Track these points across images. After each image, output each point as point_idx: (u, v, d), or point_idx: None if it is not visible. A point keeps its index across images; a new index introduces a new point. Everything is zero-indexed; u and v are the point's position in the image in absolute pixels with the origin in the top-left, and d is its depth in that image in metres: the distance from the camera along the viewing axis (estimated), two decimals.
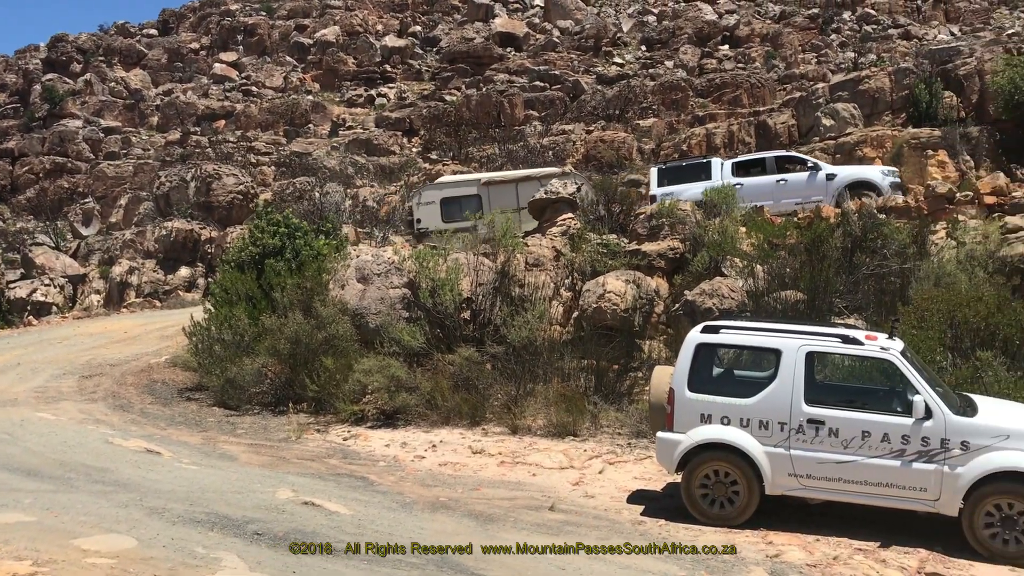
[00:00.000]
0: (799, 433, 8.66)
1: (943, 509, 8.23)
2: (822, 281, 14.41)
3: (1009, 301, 12.50)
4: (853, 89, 24.65)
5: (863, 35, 39.26)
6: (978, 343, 11.91)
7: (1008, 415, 8.57)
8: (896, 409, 8.56)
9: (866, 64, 30.48)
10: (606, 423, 12.89)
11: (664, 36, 41.40)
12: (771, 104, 29.39)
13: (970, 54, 24.09)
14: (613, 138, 28.05)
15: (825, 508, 9.06)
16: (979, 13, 42.04)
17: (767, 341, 9.11)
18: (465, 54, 40.63)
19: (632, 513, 9.38)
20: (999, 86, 21.60)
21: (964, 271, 14.11)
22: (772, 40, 39.06)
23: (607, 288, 15.24)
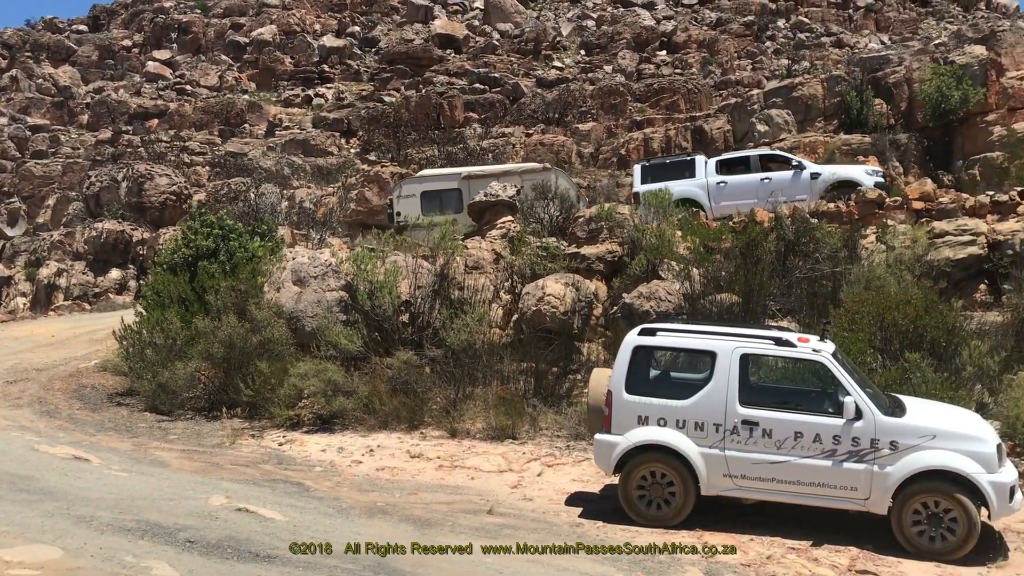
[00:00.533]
0: (734, 434, 8.77)
1: (873, 508, 8.41)
2: (756, 284, 14.63)
3: (936, 304, 12.83)
4: (787, 96, 25.11)
5: (797, 43, 40.09)
6: (906, 345, 12.21)
7: (935, 415, 8.79)
8: (828, 410, 8.72)
9: (800, 71, 31.11)
10: (545, 425, 12.91)
11: (603, 41, 41.75)
12: (708, 110, 29.79)
13: (899, 63, 24.72)
14: (553, 141, 28.16)
15: (759, 508, 9.19)
16: (908, 23, 43.23)
17: (702, 343, 9.21)
18: (404, 55, 40.44)
19: (570, 515, 9.40)
20: (926, 94, 22.20)
21: (893, 275, 14.45)
22: (709, 46, 39.65)
23: (547, 291, 15.27)
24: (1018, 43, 22.75)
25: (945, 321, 12.50)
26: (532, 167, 22.57)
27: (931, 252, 15.10)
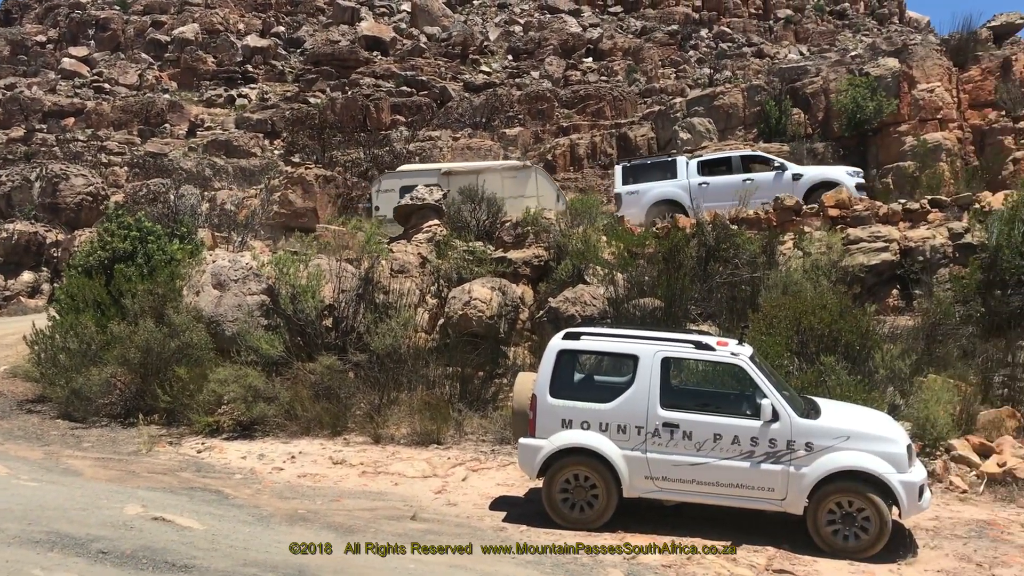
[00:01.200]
0: (655, 436, 8.88)
1: (789, 508, 8.61)
2: (678, 289, 14.86)
3: (850, 308, 13.19)
4: (709, 104, 25.59)
5: (719, 53, 40.90)
6: (822, 348, 12.53)
7: (848, 417, 9.04)
8: (746, 412, 8.89)
9: (721, 80, 31.73)
10: (470, 430, 12.90)
11: (530, 47, 41.96)
12: (632, 117, 30.17)
13: (816, 73, 25.38)
14: (480, 146, 28.19)
15: (680, 509, 9.33)
16: (825, 35, 44.48)
17: (625, 347, 9.31)
18: (330, 56, 40.02)
19: (494, 520, 9.40)
20: (842, 105, 22.88)
21: (810, 280, 14.83)
22: (634, 54, 40.18)
23: (473, 295, 15.26)
24: (928, 57, 23.59)
25: (859, 325, 12.86)
26: (513, 164, 22.57)
27: (846, 258, 15.53)
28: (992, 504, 10.13)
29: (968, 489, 10.58)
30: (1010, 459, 10.88)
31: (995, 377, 12.77)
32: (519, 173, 21.41)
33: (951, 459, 11.15)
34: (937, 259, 15.33)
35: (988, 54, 24.19)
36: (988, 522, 9.50)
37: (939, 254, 15.37)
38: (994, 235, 14.60)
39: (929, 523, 9.38)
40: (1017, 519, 9.61)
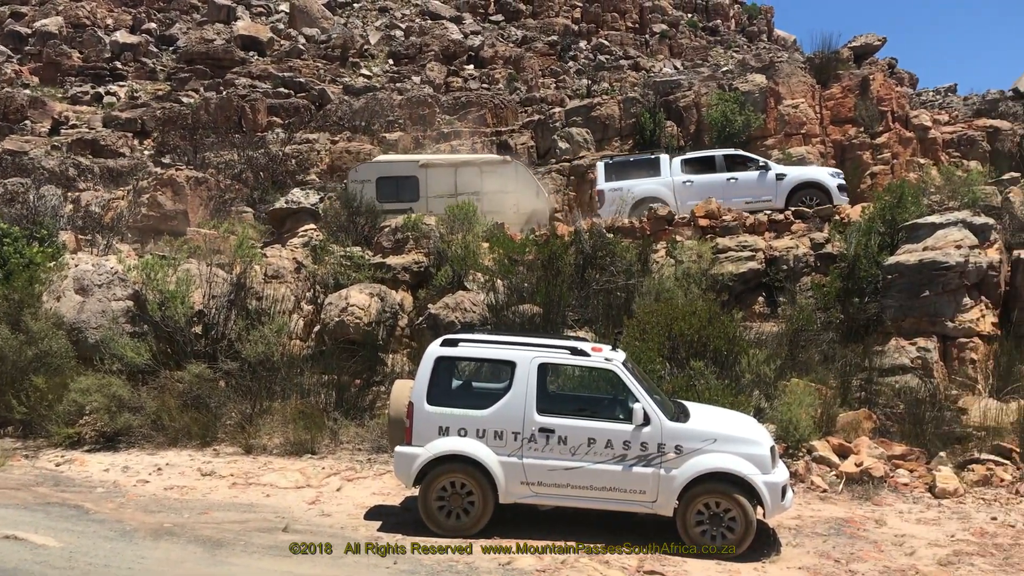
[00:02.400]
0: (531, 442, 8.95)
1: (660, 510, 8.81)
2: (557, 295, 15.07)
3: (719, 315, 13.64)
4: (587, 114, 26.03)
5: (597, 64, 41.67)
6: (692, 353, 12.91)
7: (716, 420, 9.33)
8: (619, 416, 9.05)
9: (599, 92, 32.34)
10: (346, 439, 12.70)
11: (411, 51, 41.75)
12: (513, 125, 30.38)
13: (689, 87, 26.15)
14: (359, 149, 27.80)
15: (555, 513, 9.43)
16: (698, 50, 45.93)
17: (502, 353, 9.35)
18: (204, 55, 38.76)
19: (369, 529, 9.28)
20: (713, 118, 23.65)
21: (681, 287, 15.27)
22: (515, 63, 40.50)
23: (350, 301, 15.07)
24: (793, 74, 24.66)
25: (727, 331, 13.31)
26: (492, 159, 22.04)
27: (715, 266, 16.06)
28: (850, 502, 10.63)
29: (828, 488, 11.07)
30: (866, 459, 11.45)
31: (853, 381, 13.43)
32: (499, 167, 21.01)
33: (812, 460, 11.65)
34: (800, 268, 16.03)
35: (848, 73, 25.46)
36: (846, 520, 9.96)
37: (802, 263, 16.07)
38: (852, 245, 15.37)
39: (792, 522, 9.77)
40: (872, 516, 10.11)
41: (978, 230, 14.56)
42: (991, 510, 10.31)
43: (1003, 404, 12.58)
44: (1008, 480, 11.06)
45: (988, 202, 15.94)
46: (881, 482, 11.06)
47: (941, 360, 13.69)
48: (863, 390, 13.30)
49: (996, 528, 9.71)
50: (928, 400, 12.62)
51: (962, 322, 13.80)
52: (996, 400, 12.81)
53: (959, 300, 13.88)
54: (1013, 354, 13.53)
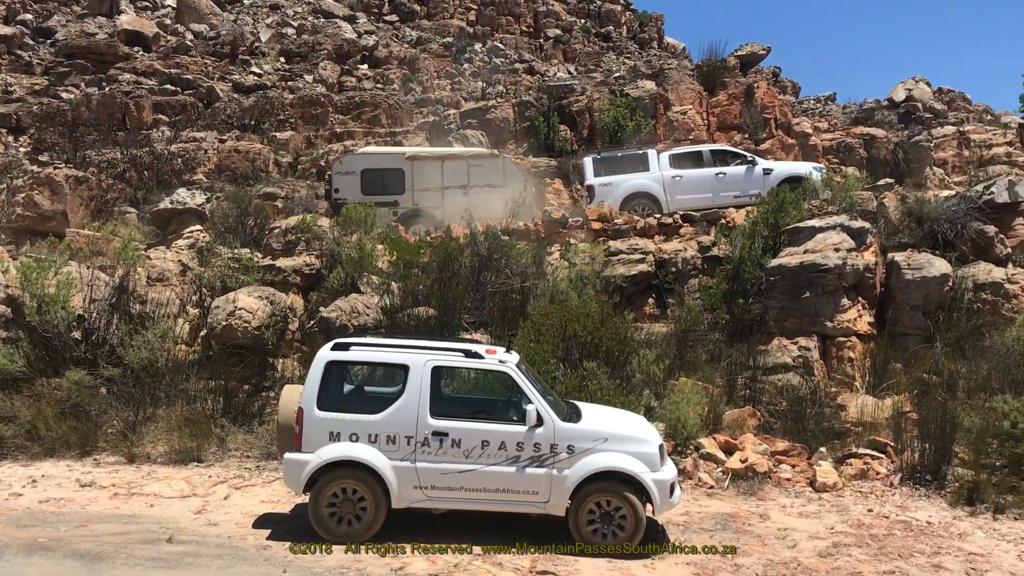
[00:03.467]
0: (425, 446, 8.89)
1: (552, 510, 8.88)
2: (452, 298, 15.03)
3: (611, 316, 13.87)
4: (482, 117, 26.12)
5: (492, 67, 41.82)
6: (585, 354, 13.08)
7: (607, 420, 9.45)
8: (513, 418, 9.08)
9: (493, 94, 32.46)
10: (234, 446, 12.38)
11: (304, 50, 41.03)
12: (408, 126, 30.20)
13: (582, 92, 26.53)
14: (248, 149, 27.16)
15: (448, 516, 9.39)
16: (592, 56, 46.61)
17: (395, 357, 9.26)
18: (85, 50, 37.18)
19: (258, 538, 9.05)
20: (605, 123, 24.06)
21: (575, 289, 15.46)
22: (410, 64, 40.27)
23: (239, 305, 14.69)
24: (682, 81, 25.30)
25: (619, 332, 13.53)
26: (480, 152, 21.75)
27: (607, 269, 16.33)
28: (735, 498, 10.94)
29: (715, 484, 11.37)
30: (751, 455, 11.81)
31: (738, 379, 13.82)
32: (487, 161, 20.81)
33: (700, 457, 11.95)
34: (688, 270, 16.44)
35: (735, 81, 26.27)
36: (732, 515, 10.25)
37: (690, 265, 16.48)
38: (737, 248, 15.84)
39: (680, 518, 9.99)
40: (757, 511, 10.43)
41: (855, 234, 15.20)
42: (867, 502, 10.77)
43: (879, 400, 13.16)
44: (883, 473, 11.57)
45: (865, 207, 16.67)
46: (765, 477, 11.42)
47: (821, 359, 14.24)
48: (748, 388, 13.70)
49: (872, 519, 10.15)
50: (809, 397, 13.10)
51: (840, 322, 14.38)
52: (872, 397, 13.39)
53: (837, 301, 14.46)
54: (888, 353, 14.18)
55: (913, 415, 12.20)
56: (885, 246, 15.70)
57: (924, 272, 14.82)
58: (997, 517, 10.27)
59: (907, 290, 14.82)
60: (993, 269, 15.05)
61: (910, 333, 14.72)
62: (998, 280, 14.79)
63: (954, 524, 10.04)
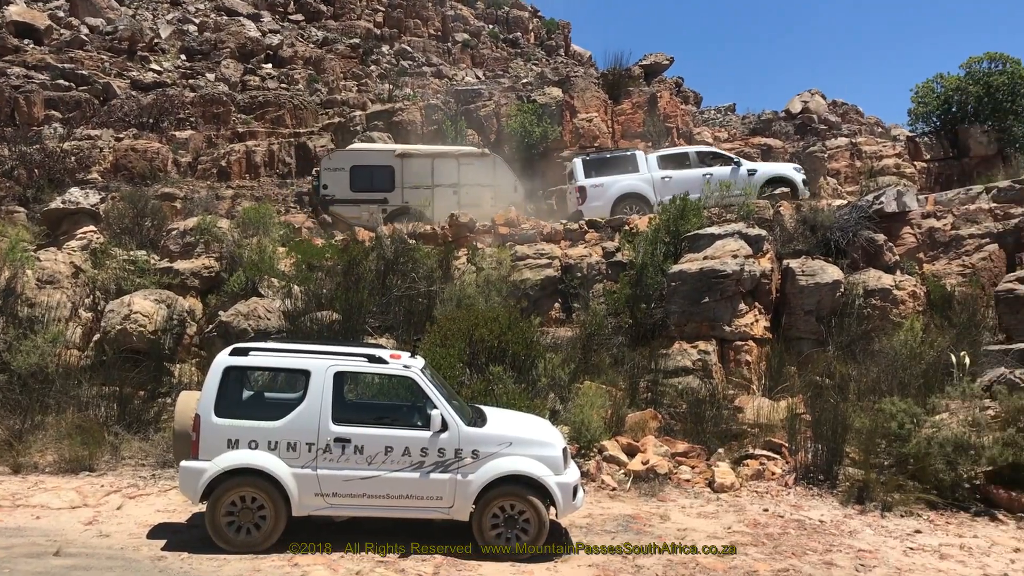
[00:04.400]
0: (327, 452, 8.76)
1: (456, 515, 8.85)
2: (357, 302, 14.89)
3: (518, 321, 13.94)
4: (388, 119, 25.94)
5: (400, 70, 41.57)
6: (491, 359, 13.12)
7: (512, 424, 9.48)
8: (417, 423, 9.03)
9: (400, 97, 32.28)
10: (129, 454, 11.98)
11: (206, 48, 40.03)
12: (312, 127, 29.77)
13: (490, 97, 26.64)
14: (146, 148, 26.34)
15: (350, 524, 9.27)
16: (500, 61, 46.78)
17: (296, 362, 9.10)
18: None
19: (152, 549, 8.76)
20: (512, 129, 24.20)
21: (482, 294, 15.50)
22: (315, 64, 39.70)
23: (134, 308, 14.25)
24: (588, 89, 25.63)
25: (525, 336, 13.62)
26: (470, 151, 21.73)
27: (514, 273, 16.42)
28: (637, 499, 11.12)
29: (617, 486, 11.53)
30: (652, 457, 12.02)
31: (641, 382, 14.07)
32: (477, 160, 20.97)
33: (603, 459, 12.10)
34: (593, 275, 16.66)
35: (638, 90, 26.75)
36: (633, 516, 10.41)
37: (595, 271, 16.70)
38: (640, 254, 16.14)
39: (583, 520, 10.09)
40: (657, 512, 10.62)
41: (752, 241, 15.65)
42: (763, 502, 11.08)
43: (774, 402, 13.57)
44: (778, 473, 11.92)
45: (761, 215, 17.18)
46: (666, 479, 11.64)
47: (719, 362, 14.60)
48: (650, 391, 13.96)
49: (767, 519, 10.44)
50: (708, 400, 13.41)
51: (738, 326, 14.78)
52: (768, 399, 13.80)
53: (735, 306, 14.86)
54: (783, 356, 14.64)
55: (807, 417, 12.60)
56: (780, 253, 16.22)
57: (817, 278, 15.36)
58: (885, 515, 10.70)
59: (801, 296, 15.34)
60: (882, 276, 15.69)
61: (804, 337, 15.23)
62: (887, 286, 15.43)
63: (845, 522, 10.41)
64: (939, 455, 10.99)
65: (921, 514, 10.70)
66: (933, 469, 10.98)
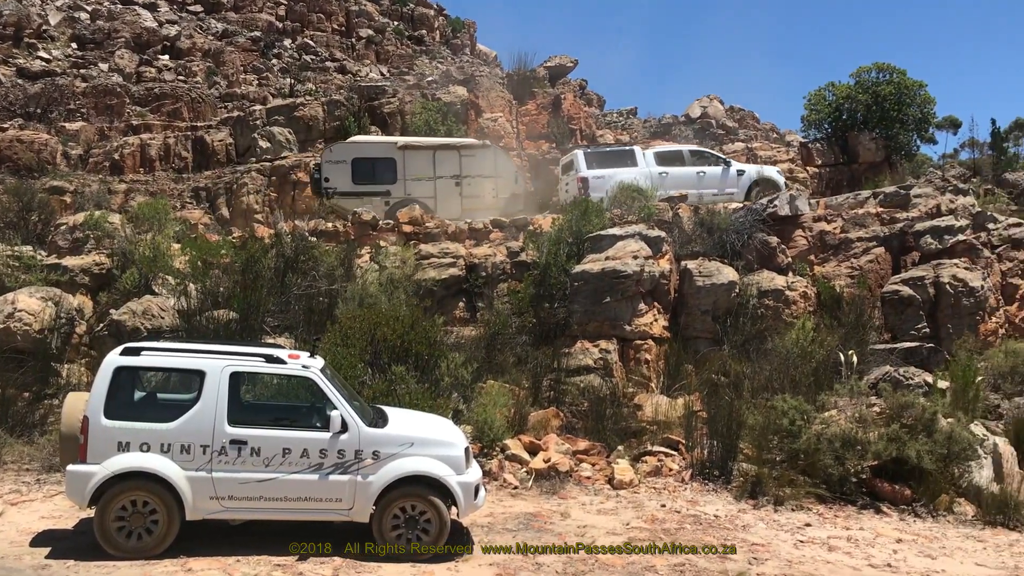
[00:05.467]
0: (222, 455, 8.55)
1: (356, 517, 8.76)
2: (255, 301, 14.58)
3: (421, 320, 13.87)
4: (289, 114, 25.44)
5: (302, 64, 40.84)
6: (394, 358, 13.01)
7: (414, 424, 9.43)
8: (316, 425, 8.89)
9: (302, 92, 31.75)
10: (11, 459, 11.49)
11: (99, 37, 38.56)
12: (210, 120, 29.00)
13: (394, 94, 26.40)
14: (33, 139, 25.22)
15: (247, 527, 9.08)
16: (405, 58, 46.41)
17: (190, 363, 8.86)
18: None
19: (36, 557, 8.40)
20: (417, 127, 24.04)
21: (385, 293, 15.37)
22: (214, 56, 38.69)
23: (18, 306, 13.67)
24: (492, 88, 25.72)
25: (428, 336, 13.56)
26: (471, 143, 21.76)
27: (418, 272, 16.34)
28: (539, 497, 11.21)
29: (519, 485, 11.60)
30: (554, 455, 12.14)
31: (544, 381, 14.19)
32: (479, 152, 21.02)
33: (506, 458, 12.16)
34: (497, 275, 16.71)
35: (543, 91, 26.97)
36: (534, 514, 10.48)
37: (499, 270, 16.76)
38: (544, 254, 16.27)
39: (484, 520, 10.12)
40: (558, 509, 10.73)
41: (652, 242, 15.96)
42: (661, 498, 11.32)
43: (672, 400, 13.86)
44: (676, 470, 12.19)
45: (661, 216, 17.53)
46: (567, 476, 11.77)
47: (620, 361, 14.83)
48: (552, 390, 14.08)
49: (665, 514, 10.67)
50: (609, 398, 13.62)
51: (638, 326, 15.05)
52: (666, 397, 14.09)
53: (635, 306, 15.12)
54: (680, 355, 14.97)
55: (703, 414, 12.91)
56: (679, 254, 16.58)
57: (714, 279, 15.76)
58: (777, 509, 11.06)
59: (698, 296, 15.71)
60: (775, 277, 16.20)
61: (701, 336, 15.61)
62: (779, 287, 15.94)
63: (739, 516, 10.71)
64: (828, 451, 11.42)
65: (811, 508, 11.10)
66: (822, 464, 11.40)
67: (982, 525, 10.90)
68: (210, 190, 23.62)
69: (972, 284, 15.75)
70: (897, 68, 25.62)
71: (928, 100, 25.63)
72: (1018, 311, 17.01)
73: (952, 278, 15.80)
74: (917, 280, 16.02)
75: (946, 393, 12.97)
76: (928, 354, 14.86)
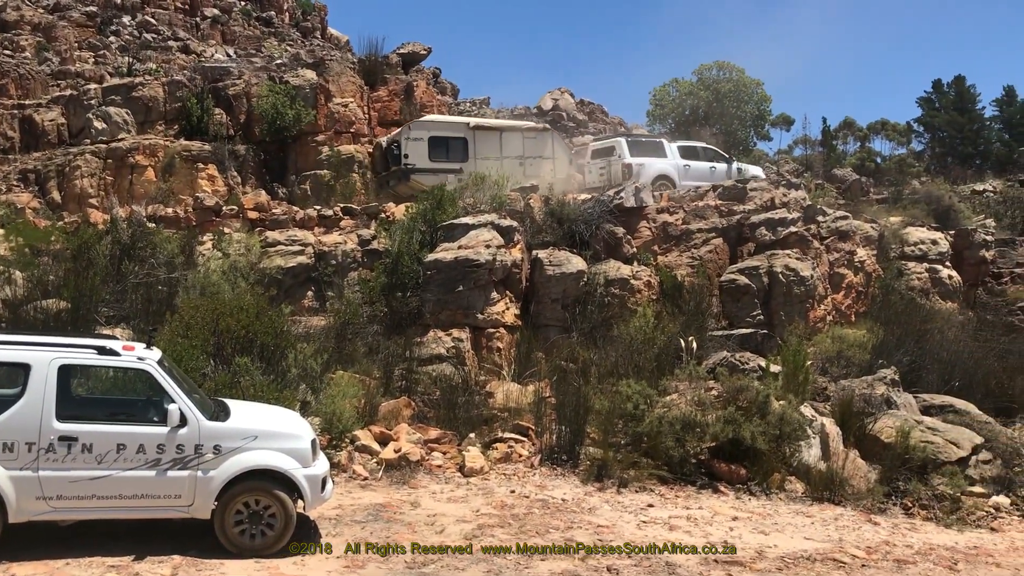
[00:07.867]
0: (50, 452, 8.06)
1: (197, 513, 8.43)
2: (88, 290, 13.86)
3: (267, 310, 13.50)
4: (127, 95, 24.12)
5: (143, 42, 38.95)
6: (238, 349, 12.62)
7: (257, 417, 9.16)
8: (154, 419, 8.50)
9: (142, 71, 30.26)
10: None
11: None
12: (40, 98, 27.24)
13: (239, 76, 25.45)
14: None
15: (80, 528, 8.61)
16: (252, 40, 44.97)
17: (14, 355, 8.29)
18: None
19: None
20: (263, 110, 23.22)
21: (228, 281, 14.89)
22: (46, 31, 36.36)
23: None
24: (343, 73, 25.20)
25: (275, 326, 13.22)
26: (533, 126, 23.27)
27: (264, 260, 15.93)
28: (389, 487, 11.13)
29: (369, 476, 11.49)
30: (405, 444, 12.08)
31: (395, 371, 14.11)
32: (539, 135, 22.34)
33: (355, 449, 12.02)
34: (348, 263, 16.49)
35: (395, 78, 26.65)
36: (384, 504, 10.41)
37: (350, 258, 16.54)
38: (396, 243, 16.16)
39: (332, 512, 9.96)
40: (409, 499, 10.68)
41: (504, 231, 16.12)
42: (511, 484, 11.46)
43: (523, 387, 14.06)
44: (525, 455, 12.37)
45: (513, 206, 17.71)
46: (418, 465, 11.74)
47: (472, 349, 14.94)
48: (404, 379, 14.03)
49: (514, 500, 10.80)
50: (461, 386, 13.68)
51: (490, 314, 15.18)
52: (517, 384, 14.28)
53: (488, 294, 15.25)
54: (531, 342, 15.21)
55: (552, 400, 13.16)
56: (530, 244, 16.82)
57: (563, 268, 16.07)
58: (621, 491, 11.39)
59: (548, 284, 15.99)
60: (621, 266, 16.67)
61: (551, 324, 15.90)
62: (625, 276, 16.42)
63: (585, 499, 10.97)
64: (669, 433, 11.85)
65: (654, 489, 11.49)
66: (664, 446, 11.82)
67: (811, 501, 11.58)
68: (40, 172, 22.16)
69: (803, 273, 16.68)
70: (736, 67, 26.83)
71: (764, 98, 26.96)
72: (844, 299, 18.16)
73: (784, 268, 16.70)
74: (752, 270, 16.85)
75: (778, 377, 13.69)
76: (762, 340, 15.66)
